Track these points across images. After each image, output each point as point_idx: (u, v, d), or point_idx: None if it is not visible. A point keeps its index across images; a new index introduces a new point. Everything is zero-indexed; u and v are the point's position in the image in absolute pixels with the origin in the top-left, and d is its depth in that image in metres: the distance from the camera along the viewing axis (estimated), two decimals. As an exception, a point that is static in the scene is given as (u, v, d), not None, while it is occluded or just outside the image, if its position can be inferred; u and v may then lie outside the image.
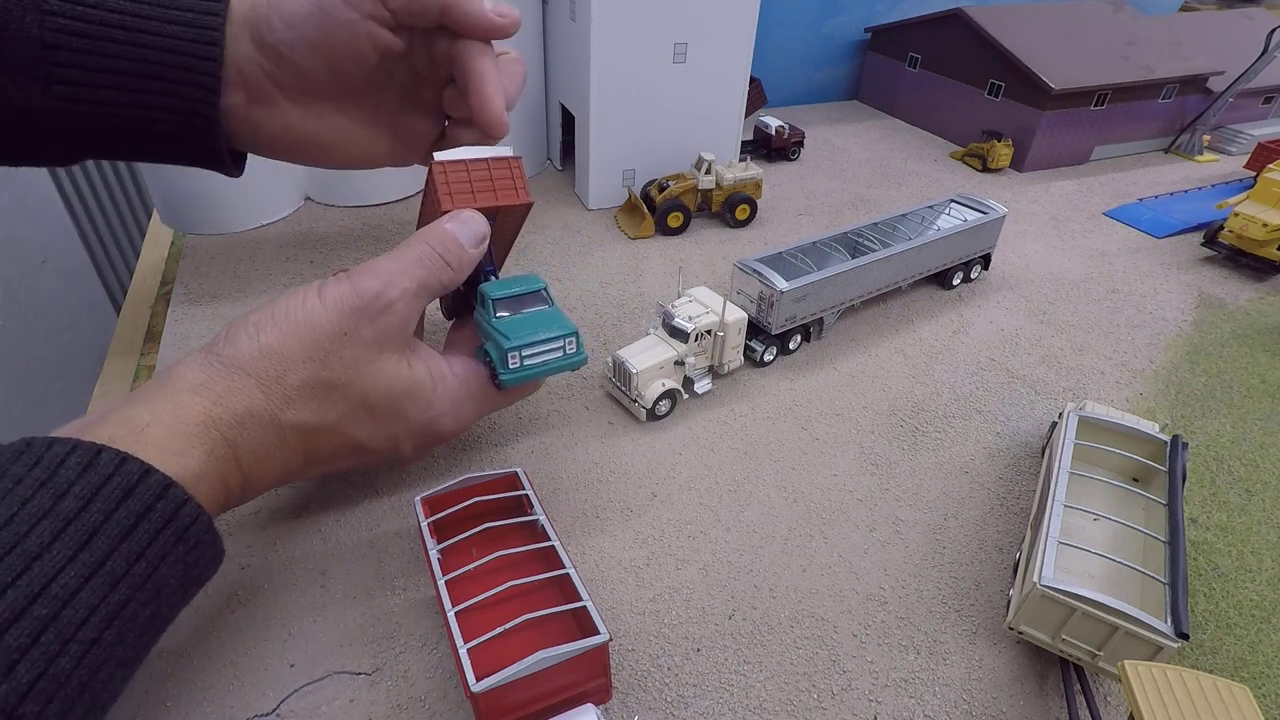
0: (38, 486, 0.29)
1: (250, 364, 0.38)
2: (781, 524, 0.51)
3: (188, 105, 0.43)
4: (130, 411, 0.34)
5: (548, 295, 0.49)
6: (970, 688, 0.42)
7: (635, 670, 0.42)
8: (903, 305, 0.78)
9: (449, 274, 0.45)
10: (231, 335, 0.39)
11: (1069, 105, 1.08)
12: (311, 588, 0.45)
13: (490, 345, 0.47)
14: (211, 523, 0.34)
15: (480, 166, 0.49)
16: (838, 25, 1.32)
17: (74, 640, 0.27)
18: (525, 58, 0.88)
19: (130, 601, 0.30)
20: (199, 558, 0.33)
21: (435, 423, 0.46)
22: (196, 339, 0.65)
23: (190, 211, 0.80)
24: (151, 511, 0.31)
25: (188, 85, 0.43)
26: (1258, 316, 0.80)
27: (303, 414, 0.39)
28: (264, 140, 0.48)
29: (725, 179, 0.88)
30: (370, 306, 0.41)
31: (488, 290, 0.47)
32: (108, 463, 0.30)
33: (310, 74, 0.46)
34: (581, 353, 0.48)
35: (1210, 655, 0.45)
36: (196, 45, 0.42)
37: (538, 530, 0.44)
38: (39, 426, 0.31)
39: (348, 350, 0.40)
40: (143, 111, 0.43)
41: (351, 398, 0.41)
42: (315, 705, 0.39)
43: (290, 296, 0.41)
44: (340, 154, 0.52)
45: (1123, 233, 0.97)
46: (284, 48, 0.44)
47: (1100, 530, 0.47)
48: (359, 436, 0.43)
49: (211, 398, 0.37)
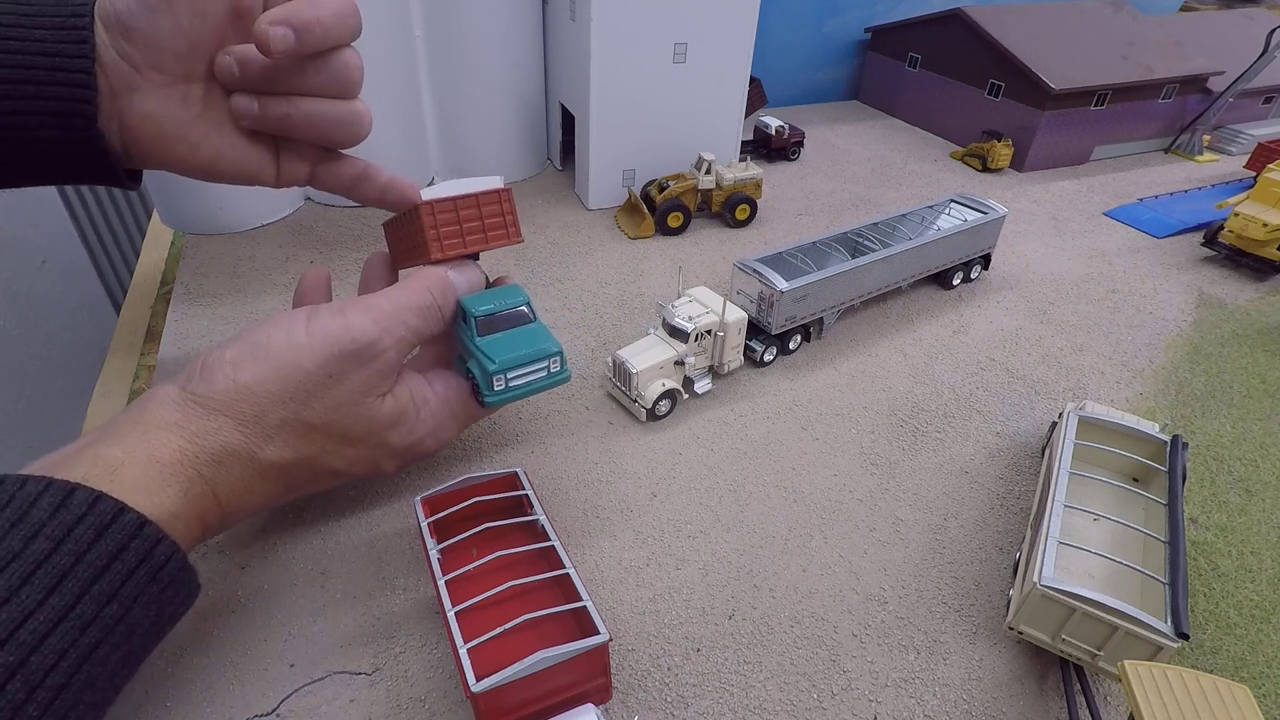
0: (9, 527, 0.28)
1: (226, 404, 0.37)
2: (781, 524, 0.51)
3: (64, 105, 0.40)
4: (104, 450, 0.33)
5: (530, 310, 0.48)
6: (970, 688, 0.42)
7: (635, 670, 0.42)
8: (903, 305, 0.78)
9: (441, 325, 0.45)
10: (207, 370, 0.38)
11: (1069, 105, 1.08)
12: (311, 588, 0.45)
13: (473, 364, 0.46)
14: (186, 560, 0.33)
15: (469, 204, 0.46)
16: (838, 25, 1.32)
17: (41, 687, 0.27)
18: (525, 58, 0.90)
19: (101, 645, 0.29)
20: (173, 596, 0.33)
21: (418, 445, 0.46)
22: (197, 339, 0.65)
23: (190, 211, 0.80)
24: (125, 551, 0.30)
25: (61, 85, 0.40)
26: (1258, 316, 0.80)
27: (282, 451, 0.39)
28: (131, 137, 0.43)
29: (725, 179, 0.88)
30: (362, 353, 0.40)
31: (469, 306, 0.46)
32: (80, 502, 0.30)
33: (158, 40, 0.41)
34: (565, 371, 0.47)
35: (1210, 655, 0.45)
36: (67, 45, 0.40)
37: (538, 530, 0.44)
38: (39, 426, 0.31)
39: (331, 394, 0.40)
40: (18, 119, 0.40)
41: (333, 435, 0.41)
42: (315, 705, 0.39)
43: (273, 325, 0.40)
44: (209, 152, 0.45)
45: (1123, 233, 0.97)
46: (125, 17, 0.41)
47: (1100, 530, 0.47)
48: (338, 466, 0.43)
49: (186, 437, 0.36)
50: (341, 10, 0.42)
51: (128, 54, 0.41)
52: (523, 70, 0.90)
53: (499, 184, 0.47)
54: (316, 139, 0.47)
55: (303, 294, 0.49)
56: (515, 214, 0.48)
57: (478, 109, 0.89)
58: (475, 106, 0.88)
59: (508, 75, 0.88)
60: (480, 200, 0.46)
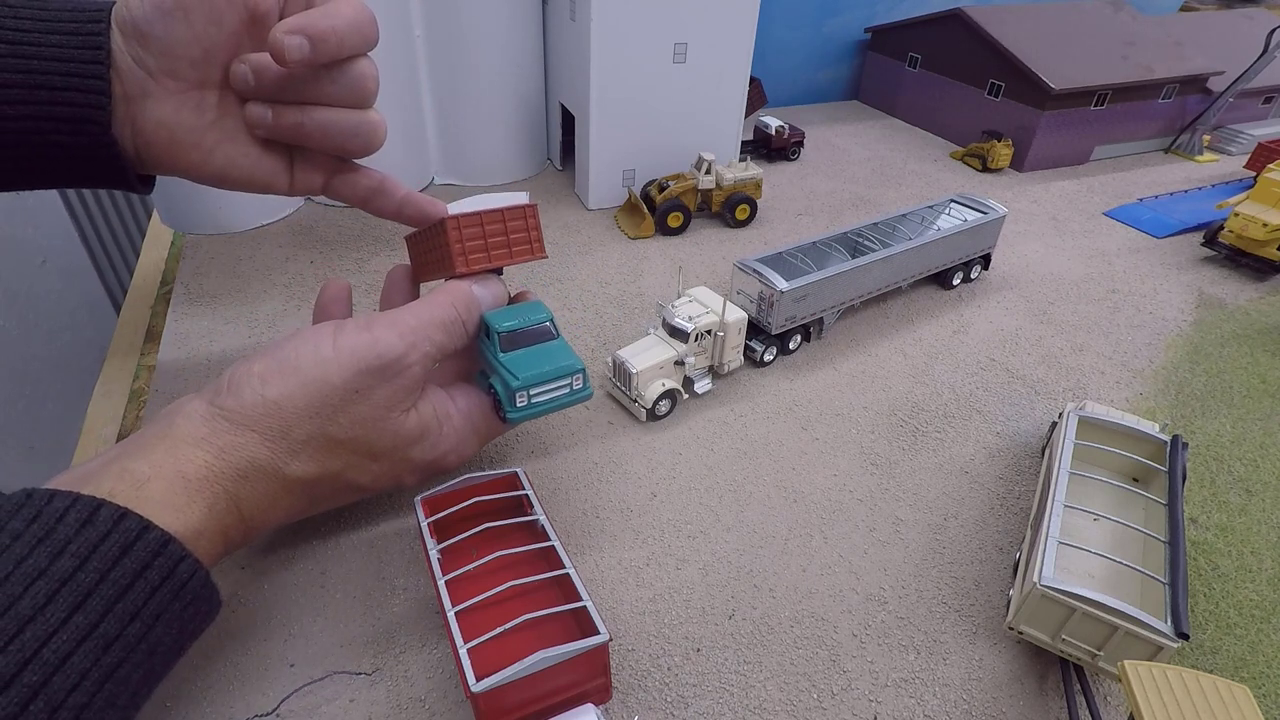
0: (35, 543, 0.28)
1: (254, 419, 0.37)
2: (781, 524, 0.51)
3: (78, 111, 0.41)
4: (131, 465, 0.33)
5: (554, 327, 0.48)
6: (970, 688, 0.42)
7: (635, 670, 0.42)
8: (903, 305, 0.78)
9: (465, 340, 0.45)
10: (234, 384, 0.38)
11: (1069, 105, 1.08)
12: (311, 588, 0.45)
13: (496, 380, 0.46)
14: (209, 577, 0.33)
15: (495, 219, 0.46)
16: (838, 25, 1.32)
17: (63, 707, 0.27)
18: (525, 58, 0.90)
19: (123, 664, 0.29)
20: (195, 613, 0.33)
21: (440, 460, 0.46)
22: (197, 339, 0.65)
23: (190, 211, 0.80)
24: (148, 569, 0.30)
25: (75, 90, 0.40)
26: (1258, 316, 0.80)
27: (307, 466, 0.39)
28: (144, 142, 0.43)
29: (725, 179, 0.88)
30: (388, 369, 0.40)
31: (493, 321, 0.46)
32: (106, 518, 0.30)
33: (173, 47, 0.42)
34: (588, 388, 0.47)
35: (1210, 655, 0.45)
36: (82, 51, 0.40)
37: (538, 530, 0.44)
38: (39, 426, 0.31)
39: (357, 409, 0.40)
40: (32, 124, 0.40)
41: (358, 450, 0.41)
42: (315, 705, 0.39)
43: (301, 340, 0.40)
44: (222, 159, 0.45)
45: (1123, 233, 0.97)
46: (141, 23, 0.41)
47: (1100, 530, 0.47)
48: (362, 481, 0.43)
49: (214, 452, 0.36)
50: (357, 20, 0.42)
51: (143, 60, 0.42)
52: (523, 70, 0.90)
53: (525, 199, 0.47)
54: (331, 148, 0.46)
55: (323, 307, 0.50)
56: (540, 229, 0.48)
57: (478, 109, 0.89)
58: (475, 106, 0.88)
59: (508, 75, 0.88)
60: (506, 215, 0.46)
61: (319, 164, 0.48)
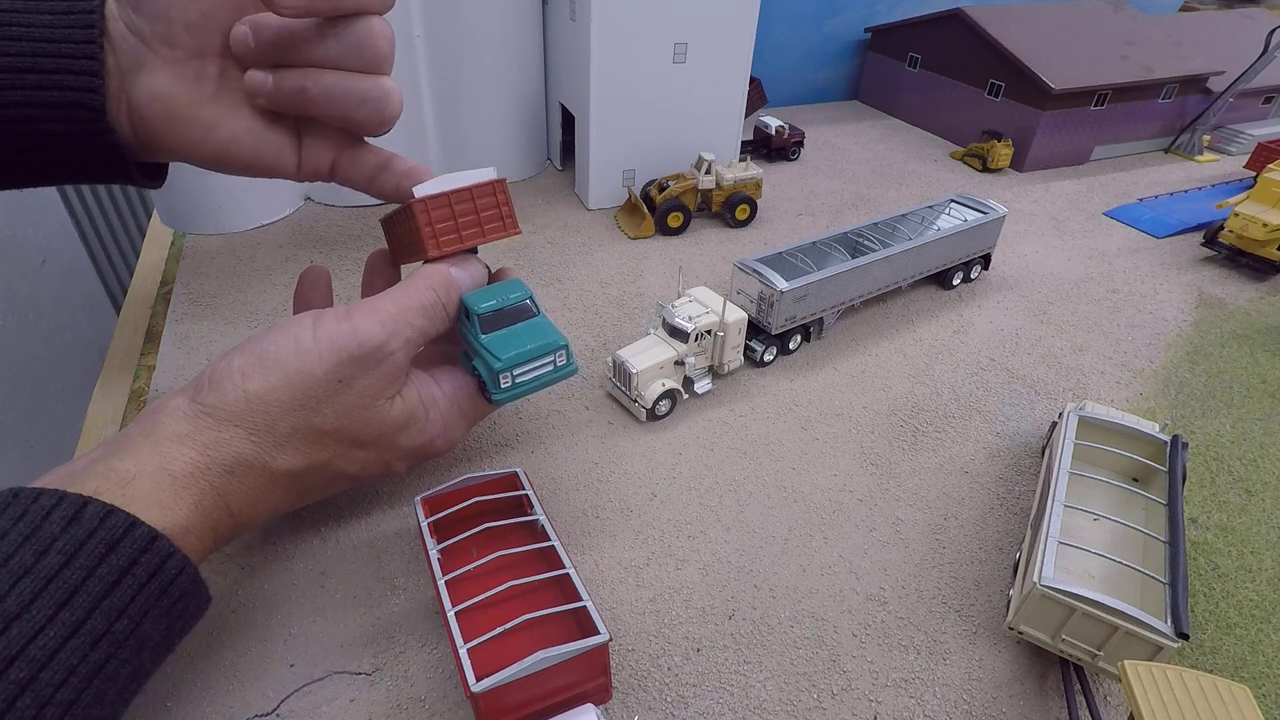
0: (21, 541, 0.28)
1: (237, 414, 0.37)
2: (781, 524, 0.51)
3: (70, 96, 0.39)
4: (116, 463, 0.33)
5: (534, 304, 0.47)
6: (970, 688, 0.42)
7: (635, 670, 0.42)
8: (903, 305, 0.78)
9: (446, 323, 0.45)
10: (216, 381, 0.38)
11: (1069, 105, 1.08)
12: (311, 588, 0.45)
13: (479, 362, 0.45)
14: (197, 573, 0.33)
15: (464, 198, 0.45)
16: (838, 25, 1.32)
17: (50, 703, 0.27)
18: (525, 58, 0.90)
19: (110, 660, 0.29)
20: (184, 609, 0.33)
21: (429, 445, 0.45)
22: (197, 339, 0.65)
23: (190, 211, 0.80)
24: (135, 566, 0.30)
25: (67, 73, 0.38)
26: (1258, 316, 0.80)
27: (294, 459, 0.39)
28: (140, 119, 0.41)
29: (725, 179, 0.88)
30: (370, 357, 0.39)
31: (471, 303, 0.45)
32: (93, 516, 0.30)
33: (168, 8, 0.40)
34: (572, 364, 0.47)
35: (1210, 655, 0.45)
36: (73, 30, 0.38)
37: (538, 530, 0.44)
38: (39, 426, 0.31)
39: (341, 399, 0.39)
40: (23, 110, 0.38)
41: (344, 439, 0.41)
42: (315, 705, 0.39)
43: (280, 333, 0.39)
44: (224, 135, 0.43)
45: (1123, 233, 0.97)
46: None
47: (1100, 530, 0.47)
48: (350, 470, 0.42)
49: (198, 449, 0.36)
50: None
51: (137, 26, 0.40)
52: (523, 70, 0.90)
53: (493, 175, 0.46)
54: (338, 118, 0.44)
55: (303, 293, 0.49)
56: (511, 205, 0.47)
57: (478, 109, 0.89)
58: (475, 106, 0.88)
59: (508, 75, 0.88)
60: (475, 193, 0.45)
61: (327, 139, 0.46)
